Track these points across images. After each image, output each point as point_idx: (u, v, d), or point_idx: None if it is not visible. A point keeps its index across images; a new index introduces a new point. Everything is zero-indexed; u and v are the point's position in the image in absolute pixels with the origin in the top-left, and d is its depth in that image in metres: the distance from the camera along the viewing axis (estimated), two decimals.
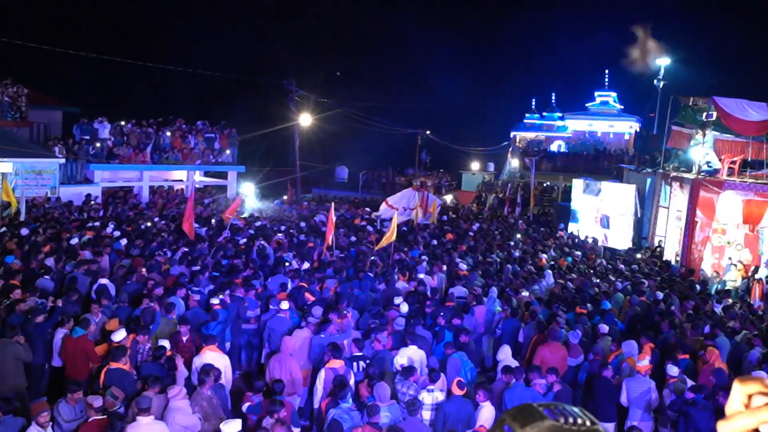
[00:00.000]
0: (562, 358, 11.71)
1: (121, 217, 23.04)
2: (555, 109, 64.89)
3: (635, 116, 58.90)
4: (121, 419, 7.74)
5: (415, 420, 8.69)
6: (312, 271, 16.50)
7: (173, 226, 21.48)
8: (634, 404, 10.51)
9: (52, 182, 26.04)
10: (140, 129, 30.39)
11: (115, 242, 17.63)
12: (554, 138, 62.93)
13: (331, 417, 8.64)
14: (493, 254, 20.81)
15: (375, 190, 46.19)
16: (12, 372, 10.15)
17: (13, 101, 30.19)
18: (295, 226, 23.59)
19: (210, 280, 14.71)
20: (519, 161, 49.66)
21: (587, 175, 35.55)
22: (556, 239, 25.47)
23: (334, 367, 10.08)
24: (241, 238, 19.77)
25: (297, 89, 40.07)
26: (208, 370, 9.26)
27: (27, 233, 17.82)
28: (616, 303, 15.81)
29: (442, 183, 47.64)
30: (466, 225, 27.27)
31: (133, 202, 27.97)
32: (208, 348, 10.55)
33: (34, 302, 12.09)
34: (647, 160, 29.70)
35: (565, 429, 1.42)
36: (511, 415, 1.46)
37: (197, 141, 31.86)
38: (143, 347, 10.71)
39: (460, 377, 10.23)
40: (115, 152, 28.56)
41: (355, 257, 18.49)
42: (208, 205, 28.66)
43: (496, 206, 39.18)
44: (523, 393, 9.90)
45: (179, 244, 18.41)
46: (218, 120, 34.59)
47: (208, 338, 10.84)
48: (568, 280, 17.89)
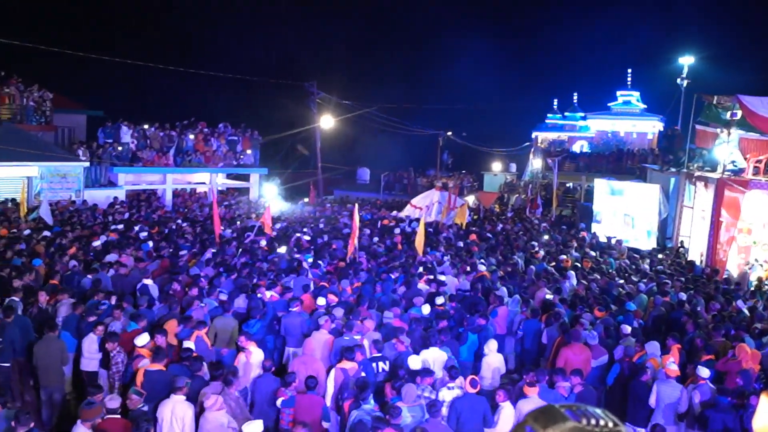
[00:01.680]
0: (586, 360, 11.62)
1: (147, 220, 23.21)
2: (577, 109, 64.52)
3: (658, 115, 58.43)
4: (147, 420, 7.78)
5: (437, 421, 8.67)
6: (335, 272, 16.56)
7: (198, 228, 21.65)
8: (663, 407, 10.38)
9: (76, 185, 26.29)
10: (163, 132, 30.61)
11: (143, 244, 17.80)
12: (576, 138, 62.55)
13: (354, 418, 8.64)
14: (515, 255, 20.73)
15: (397, 192, 46.17)
16: (56, 366, 10.44)
17: (38, 106, 30.52)
18: (314, 227, 23.65)
19: (233, 281, 14.82)
20: (541, 162, 49.41)
21: (610, 175, 35.29)
22: (579, 240, 25.30)
23: (344, 368, 10.08)
24: (263, 239, 19.87)
25: (318, 91, 40.20)
26: (236, 371, 9.32)
27: (52, 236, 18.04)
28: (640, 304, 15.67)
29: (464, 184, 47.49)
30: (489, 226, 27.21)
31: (157, 204, 28.18)
32: (249, 344, 10.64)
33: (68, 302, 12.23)
34: (671, 160, 29.40)
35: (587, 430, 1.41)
36: (533, 416, 1.46)
37: (220, 143, 32.03)
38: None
39: (475, 375, 10.22)
40: (138, 155, 28.78)
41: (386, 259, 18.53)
42: (230, 207, 28.80)
43: (518, 207, 39.00)
44: (545, 395, 9.84)
45: (204, 245, 18.52)
46: (240, 122, 34.75)
47: (248, 336, 10.93)
48: (592, 281, 17.76)
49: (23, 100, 29.89)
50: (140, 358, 9.96)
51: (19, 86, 29.99)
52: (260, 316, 12.62)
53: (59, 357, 10.78)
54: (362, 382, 9.33)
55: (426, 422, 8.66)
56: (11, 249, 15.99)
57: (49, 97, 31.22)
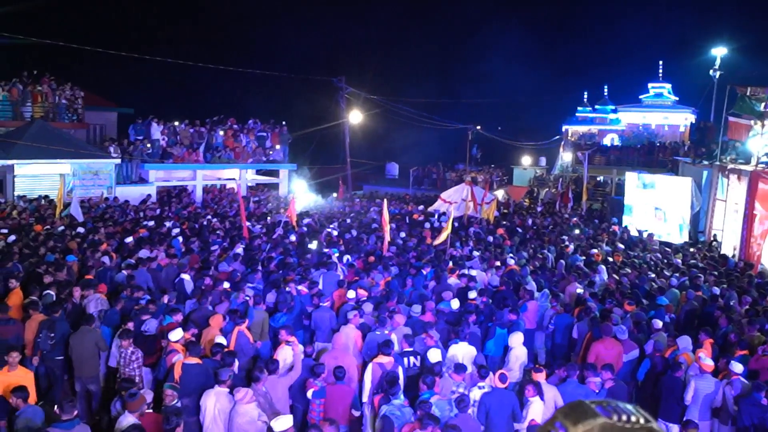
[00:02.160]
0: (617, 355, 11.52)
1: (178, 216, 23.41)
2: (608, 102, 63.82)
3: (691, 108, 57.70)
4: (178, 414, 7.84)
5: (466, 416, 8.65)
6: (365, 267, 16.60)
7: (227, 224, 21.81)
8: (698, 403, 10.26)
9: (108, 182, 26.59)
10: (193, 129, 30.84)
11: (173, 240, 17.95)
12: (607, 131, 61.95)
13: (382, 413, 8.66)
14: (545, 249, 20.62)
15: (426, 186, 46.13)
16: (91, 359, 10.57)
17: (70, 104, 30.95)
18: (342, 222, 23.69)
19: (264, 276, 14.92)
20: (571, 155, 49.08)
21: (641, 168, 34.96)
22: (610, 234, 25.10)
23: (381, 363, 10.09)
24: (293, 234, 19.97)
25: (346, 86, 40.24)
26: (262, 366, 9.37)
27: (84, 232, 18.27)
28: (673, 298, 15.49)
29: (493, 178, 47.32)
30: (518, 220, 27.10)
31: (187, 200, 28.42)
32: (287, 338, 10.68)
33: (95, 297, 12.38)
34: (704, 153, 29.06)
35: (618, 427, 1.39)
36: (563, 412, 1.43)
37: (249, 140, 32.20)
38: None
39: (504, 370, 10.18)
40: (168, 152, 29.02)
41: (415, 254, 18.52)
42: (260, 202, 28.96)
43: (548, 201, 38.79)
44: (576, 390, 9.77)
45: (233, 241, 18.65)
46: (269, 118, 34.92)
47: (284, 329, 10.98)
48: (623, 275, 17.61)
49: (56, 98, 30.32)
50: (174, 353, 10.06)
51: (51, 84, 30.41)
52: (287, 309, 12.69)
53: (94, 349, 10.91)
54: (391, 377, 9.34)
55: (455, 417, 8.64)
56: (45, 245, 16.20)
57: (80, 95, 31.65)
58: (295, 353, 10.37)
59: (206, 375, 9.62)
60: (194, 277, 14.50)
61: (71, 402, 8.15)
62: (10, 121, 28.32)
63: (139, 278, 14.27)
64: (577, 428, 1.40)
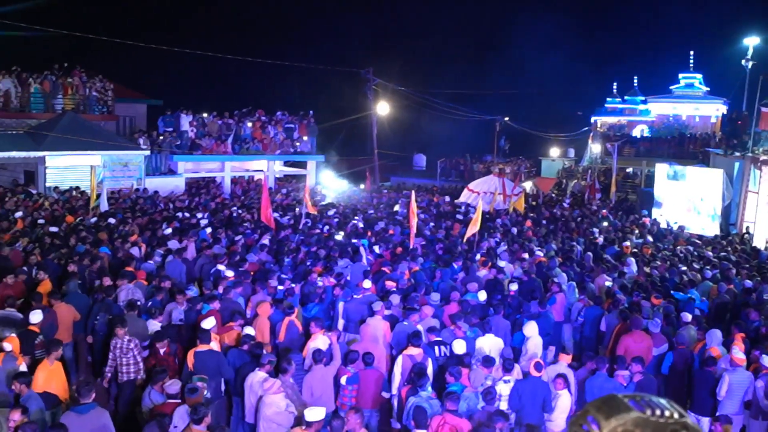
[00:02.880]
0: (647, 348, 11.41)
1: (206, 207, 23.56)
2: (637, 93, 63.12)
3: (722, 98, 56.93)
4: (206, 405, 7.91)
5: (492, 408, 8.63)
6: (391, 259, 16.61)
7: (256, 215, 21.92)
8: (732, 397, 10.14)
9: (137, 173, 26.81)
10: (221, 120, 30.99)
11: (201, 231, 18.07)
12: (637, 122, 61.31)
13: (412, 404, 8.66)
14: (574, 241, 20.49)
15: (453, 178, 46.01)
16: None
17: (100, 96, 31.23)
18: (366, 214, 23.70)
19: (291, 267, 14.99)
20: (600, 146, 48.67)
21: (671, 159, 34.59)
22: (640, 226, 24.88)
23: (411, 354, 10.11)
24: (321, 226, 20.03)
25: (374, 78, 40.21)
26: (290, 358, 9.42)
27: (115, 223, 18.45)
28: (704, 291, 15.32)
29: (521, 170, 47.09)
30: (546, 212, 26.95)
31: (215, 192, 28.59)
32: (319, 332, 10.73)
33: (127, 287, 12.52)
34: (735, 144, 28.67)
35: (651, 421, 1.37)
36: (595, 406, 1.42)
37: (277, 131, 32.29)
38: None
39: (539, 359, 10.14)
40: (197, 143, 29.19)
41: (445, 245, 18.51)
42: (288, 194, 29.05)
43: (577, 193, 38.53)
44: (604, 383, 9.70)
45: (261, 232, 18.74)
46: (297, 110, 34.99)
47: (314, 321, 11.04)
48: (653, 268, 17.45)
49: (86, 90, 30.61)
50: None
51: (82, 77, 30.71)
52: (318, 300, 12.75)
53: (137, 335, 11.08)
54: (420, 369, 9.35)
55: (482, 410, 8.63)
56: (76, 236, 16.39)
57: (110, 87, 31.92)
58: (332, 342, 10.46)
59: (218, 362, 9.75)
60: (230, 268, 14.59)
61: (88, 386, 8.28)
62: (42, 113, 28.64)
63: (171, 268, 14.42)
64: (609, 422, 1.38)
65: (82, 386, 8.24)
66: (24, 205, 20.49)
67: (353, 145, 45.64)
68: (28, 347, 10.02)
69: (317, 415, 7.77)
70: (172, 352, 10.33)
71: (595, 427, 1.39)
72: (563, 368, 10.30)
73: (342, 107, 45.35)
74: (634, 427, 1.36)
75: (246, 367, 9.62)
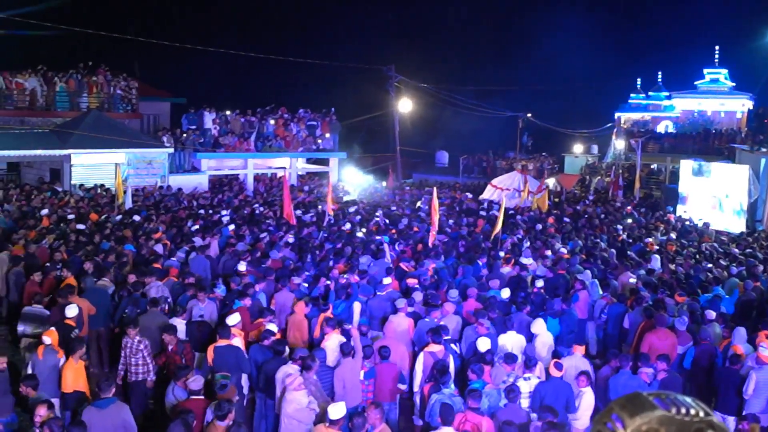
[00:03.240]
0: (672, 345, 11.31)
1: (229, 204, 23.66)
2: (662, 89, 62.71)
3: (748, 93, 56.38)
4: (230, 401, 7.95)
5: (515, 406, 8.60)
6: (413, 255, 16.61)
7: (278, 212, 21.99)
8: (758, 396, 10.02)
9: (161, 171, 26.97)
10: (244, 118, 31.12)
11: (223, 228, 18.16)
12: (661, 118, 60.88)
13: (435, 401, 8.66)
14: (597, 238, 20.36)
15: (476, 175, 45.88)
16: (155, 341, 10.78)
17: (124, 94, 31.47)
18: (386, 211, 23.69)
19: (314, 264, 15.02)
20: (624, 143, 48.33)
21: (696, 156, 34.27)
22: (664, 223, 24.68)
23: (433, 351, 10.10)
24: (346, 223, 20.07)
25: (396, 75, 40.17)
26: (315, 355, 9.45)
27: (140, 220, 18.59)
28: (730, 289, 15.16)
29: (544, 166, 46.84)
30: (570, 209, 26.81)
31: (238, 189, 28.72)
32: (333, 332, 10.74)
33: (156, 285, 12.63)
34: (762, 139, 28.35)
35: (677, 420, 1.36)
36: (619, 404, 1.41)
37: (299, 128, 32.36)
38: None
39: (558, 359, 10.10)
40: (220, 141, 29.34)
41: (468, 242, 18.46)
42: (311, 191, 29.12)
43: (600, 189, 38.29)
44: (628, 381, 9.63)
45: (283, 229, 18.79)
46: (319, 107, 35.04)
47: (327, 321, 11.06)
48: (678, 265, 17.30)
49: (110, 88, 30.86)
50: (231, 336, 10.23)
51: (106, 75, 30.97)
52: (345, 296, 12.77)
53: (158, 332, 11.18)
54: (441, 366, 9.34)
55: (504, 407, 8.60)
56: (101, 233, 16.53)
57: (135, 85, 32.17)
58: (354, 337, 10.51)
59: (237, 357, 9.81)
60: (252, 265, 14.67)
61: (108, 380, 8.38)
62: (67, 111, 28.93)
63: (196, 265, 14.51)
64: (634, 420, 1.37)
65: (103, 381, 8.34)
66: (50, 202, 20.70)
67: (375, 142, 45.63)
68: (67, 340, 10.15)
69: (340, 412, 7.78)
70: (179, 351, 10.29)
71: (620, 425, 1.38)
72: (581, 361, 10.29)
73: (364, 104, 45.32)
74: (659, 425, 1.35)
75: (269, 363, 9.65)
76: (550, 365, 9.59)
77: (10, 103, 28.06)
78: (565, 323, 12.39)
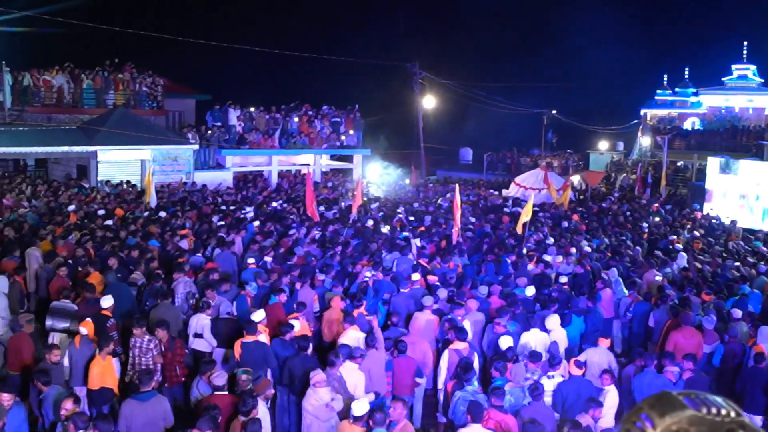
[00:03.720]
0: (697, 344, 11.20)
1: (253, 201, 23.76)
2: (688, 85, 62.04)
3: None
4: (254, 397, 7.98)
5: (539, 404, 8.56)
6: (437, 252, 16.59)
7: (302, 208, 22.05)
8: None
9: (187, 168, 27.14)
10: (268, 115, 31.23)
11: (248, 224, 18.23)
12: (688, 115, 60.25)
13: (459, 399, 8.65)
14: (623, 236, 20.21)
15: (500, 172, 45.72)
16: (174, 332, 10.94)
17: (150, 91, 31.72)
18: (408, 208, 23.67)
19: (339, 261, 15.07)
20: (650, 140, 47.94)
21: (724, 152, 33.90)
22: (691, 220, 24.45)
23: (458, 349, 10.08)
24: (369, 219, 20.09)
25: (420, 71, 40.13)
26: (338, 351, 9.47)
27: (166, 216, 18.71)
28: (759, 287, 14.97)
29: (569, 163, 46.58)
30: (594, 207, 26.64)
31: (262, 185, 28.84)
32: (351, 327, 10.78)
33: (184, 280, 12.74)
34: None
35: (707, 420, 1.35)
36: (649, 403, 1.39)
37: (323, 125, 32.43)
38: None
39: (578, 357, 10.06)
40: (245, 138, 29.47)
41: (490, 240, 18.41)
42: (335, 188, 29.16)
43: (626, 187, 38.01)
44: (653, 380, 9.55)
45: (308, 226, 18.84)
46: (343, 104, 35.09)
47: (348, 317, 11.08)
48: (705, 262, 17.12)
49: (136, 85, 31.11)
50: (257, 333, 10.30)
51: (132, 73, 31.22)
52: (374, 293, 12.80)
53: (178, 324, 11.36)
54: (466, 363, 9.32)
55: (528, 405, 8.57)
56: (126, 229, 16.67)
57: (160, 82, 32.40)
58: (375, 328, 10.63)
59: (264, 353, 9.88)
60: (276, 261, 14.73)
61: (149, 374, 8.48)
62: (94, 108, 29.21)
63: (224, 261, 14.61)
64: (664, 420, 1.36)
65: (143, 374, 8.49)
66: (77, 199, 20.92)
67: (399, 138, 45.58)
68: (102, 330, 10.35)
69: (364, 409, 7.79)
70: (170, 347, 10.17)
71: (649, 424, 1.37)
72: (605, 355, 10.25)
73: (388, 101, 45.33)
74: (689, 425, 1.33)
75: (293, 359, 9.68)
76: (570, 363, 9.54)
77: (38, 100, 28.37)
78: (590, 321, 12.31)
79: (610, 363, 10.35)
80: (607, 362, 10.33)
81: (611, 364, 10.30)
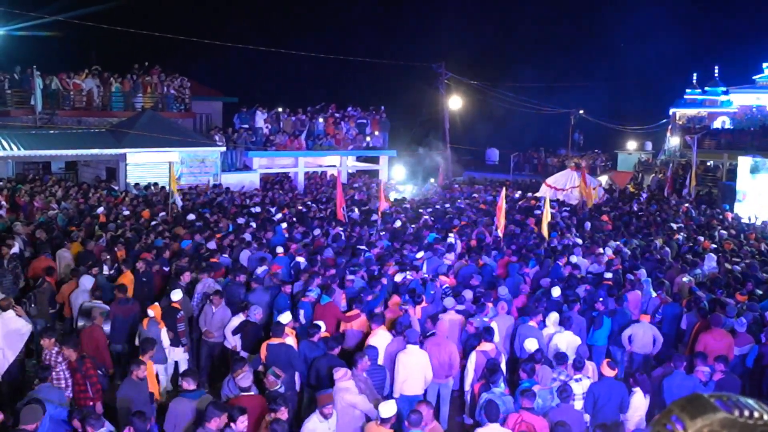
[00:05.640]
0: (728, 346, 11.06)
1: (279, 203, 23.85)
2: (718, 84, 61.27)
3: None
4: (283, 398, 7.99)
5: (568, 406, 8.50)
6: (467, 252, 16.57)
7: (328, 210, 22.10)
8: None
9: (214, 170, 27.31)
10: (295, 117, 31.34)
11: (276, 226, 18.29)
12: (717, 114, 59.49)
13: (485, 400, 8.61)
14: (651, 237, 20.01)
15: (527, 172, 45.53)
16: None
17: (178, 94, 31.96)
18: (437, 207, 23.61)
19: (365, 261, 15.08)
20: (679, 139, 47.47)
21: (755, 152, 33.45)
22: (721, 221, 24.16)
23: (485, 350, 10.03)
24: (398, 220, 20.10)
25: (446, 72, 40.06)
26: (363, 352, 9.47)
27: (194, 218, 18.82)
28: None
29: (597, 163, 46.27)
30: (624, 207, 26.41)
31: (289, 187, 28.95)
32: (378, 328, 10.80)
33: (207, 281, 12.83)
34: None
35: (740, 423, 1.33)
36: (679, 405, 1.38)
37: (349, 126, 32.49)
38: None
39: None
40: (271, 140, 29.61)
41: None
42: (361, 188, 29.19)
43: (654, 187, 37.66)
44: (683, 381, 9.45)
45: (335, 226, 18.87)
46: (369, 105, 35.10)
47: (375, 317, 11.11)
48: (735, 264, 16.91)
49: (164, 88, 31.37)
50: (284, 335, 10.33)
51: (160, 76, 31.49)
52: None
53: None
54: (493, 365, 9.28)
55: (557, 407, 8.51)
56: (154, 230, 16.80)
57: (188, 85, 32.65)
58: (411, 315, 11.03)
59: (289, 355, 9.88)
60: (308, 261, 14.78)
61: (195, 374, 8.59)
62: (122, 111, 29.49)
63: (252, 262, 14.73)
64: (695, 422, 1.34)
65: (191, 374, 8.64)
66: (106, 201, 21.13)
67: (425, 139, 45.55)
68: (171, 322, 10.99)
69: (391, 411, 7.77)
70: (79, 367, 9.20)
71: (680, 426, 1.35)
72: (649, 329, 10.92)
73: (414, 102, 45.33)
74: (721, 428, 1.32)
75: (320, 360, 9.69)
76: (603, 365, 9.46)
77: (68, 103, 28.70)
78: (618, 322, 12.21)
79: (655, 336, 11.36)
80: (652, 335, 11.22)
81: (656, 336, 11.26)
